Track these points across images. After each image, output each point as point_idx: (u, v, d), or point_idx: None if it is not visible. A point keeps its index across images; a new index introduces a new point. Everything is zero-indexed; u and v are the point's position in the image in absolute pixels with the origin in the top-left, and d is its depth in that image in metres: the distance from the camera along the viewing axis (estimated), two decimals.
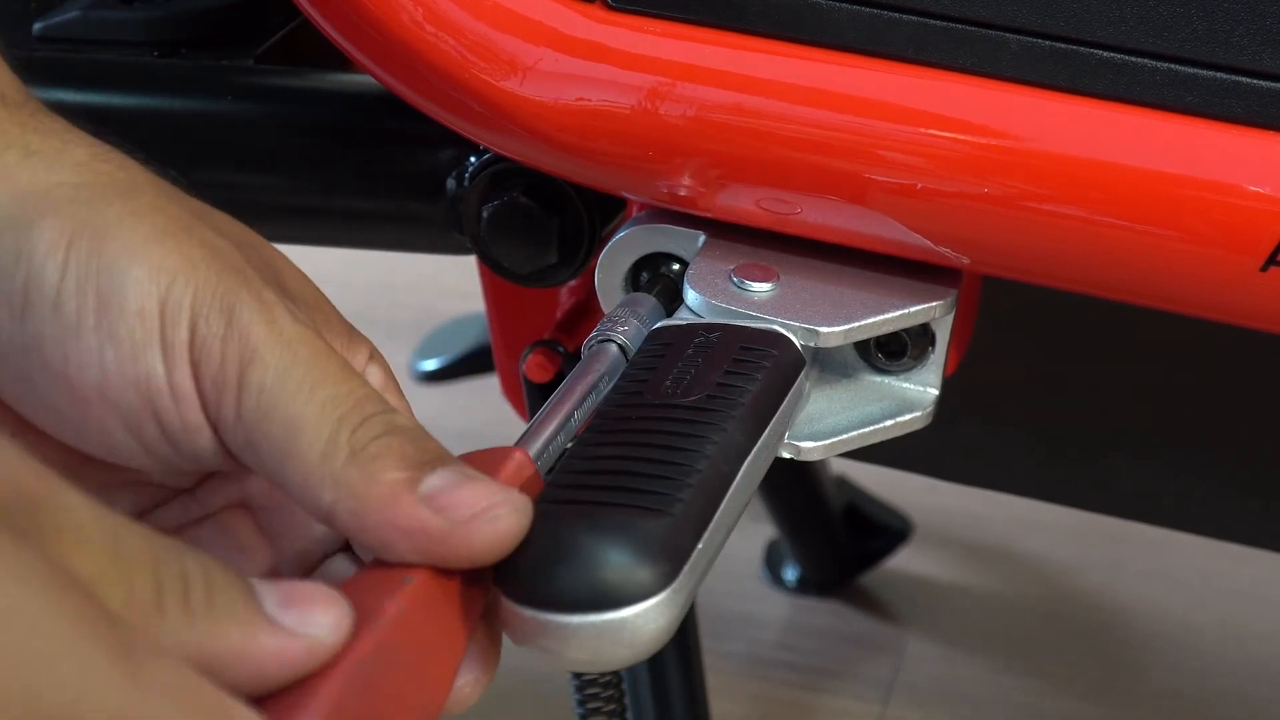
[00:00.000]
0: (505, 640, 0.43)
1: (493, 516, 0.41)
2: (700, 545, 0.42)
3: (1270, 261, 0.50)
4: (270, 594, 0.39)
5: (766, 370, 0.49)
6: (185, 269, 0.42)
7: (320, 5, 0.56)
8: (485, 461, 0.43)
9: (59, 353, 0.42)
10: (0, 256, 0.42)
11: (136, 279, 0.42)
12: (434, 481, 0.42)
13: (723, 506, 0.44)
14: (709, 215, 0.55)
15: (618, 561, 0.40)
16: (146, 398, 0.42)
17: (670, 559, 0.41)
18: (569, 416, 0.47)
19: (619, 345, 0.51)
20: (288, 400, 0.42)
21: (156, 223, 0.43)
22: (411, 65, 0.55)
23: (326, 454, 0.42)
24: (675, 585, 0.41)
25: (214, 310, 0.42)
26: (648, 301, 0.54)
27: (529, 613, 0.41)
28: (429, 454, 0.42)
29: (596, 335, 0.51)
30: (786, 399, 0.49)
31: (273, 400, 0.42)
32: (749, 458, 0.46)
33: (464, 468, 0.42)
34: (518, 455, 0.43)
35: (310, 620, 0.38)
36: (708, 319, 0.52)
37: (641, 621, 0.40)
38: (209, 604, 0.37)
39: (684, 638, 0.81)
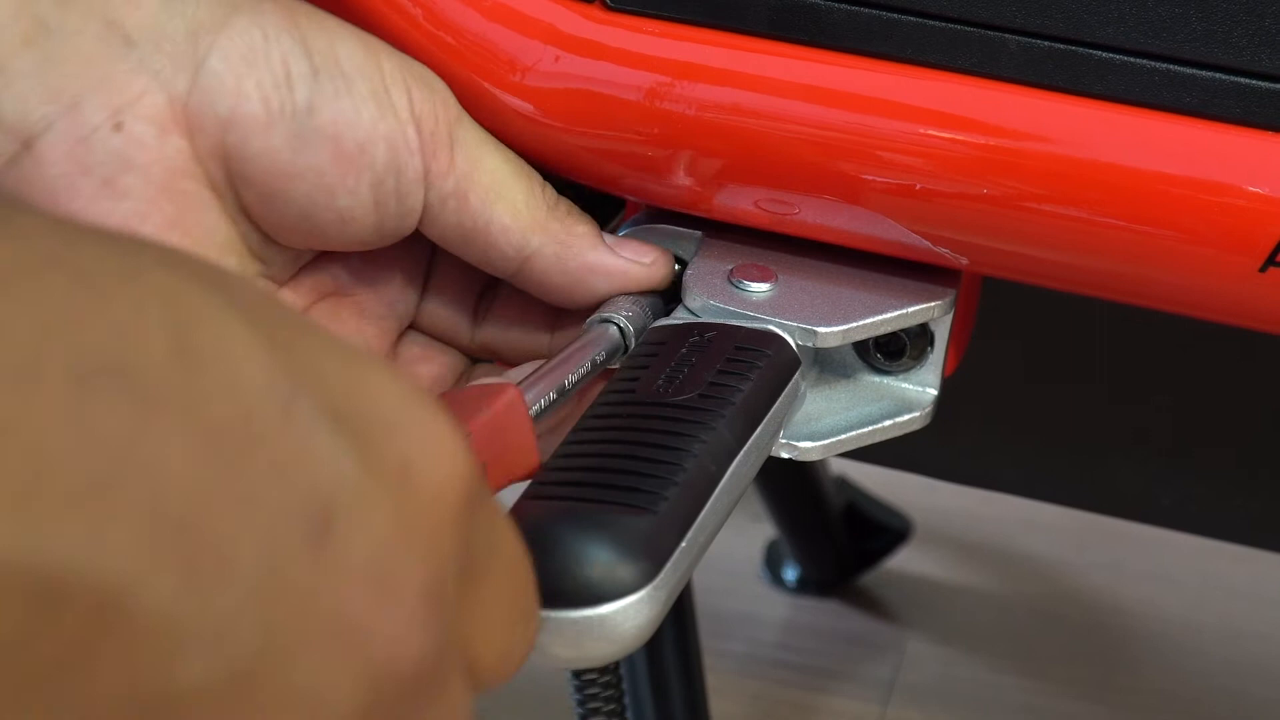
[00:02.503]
0: None
1: (663, 259, 0.53)
2: (684, 543, 0.42)
3: (1269, 262, 0.50)
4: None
5: (760, 370, 0.49)
6: (378, 44, 0.50)
7: (319, 5, 0.56)
8: (478, 395, 0.44)
9: (326, 116, 0.47)
10: (243, 33, 0.47)
11: (354, 56, 0.48)
12: (611, 238, 0.53)
13: (709, 505, 0.44)
14: (707, 215, 0.55)
15: (599, 557, 0.41)
16: (394, 149, 0.48)
17: (652, 556, 0.41)
18: (564, 378, 0.48)
19: (619, 327, 0.51)
20: (490, 154, 0.51)
21: (328, 12, 0.50)
22: None
23: (530, 203, 0.51)
24: (657, 582, 0.41)
25: (417, 79, 0.50)
26: (650, 294, 0.54)
27: None
28: (593, 220, 0.52)
29: (597, 316, 0.52)
30: (780, 399, 0.49)
31: (480, 153, 0.50)
32: (738, 457, 0.46)
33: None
34: (511, 392, 0.44)
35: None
36: (705, 319, 0.52)
37: (622, 618, 0.40)
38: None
39: (684, 638, 0.81)
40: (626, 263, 0.52)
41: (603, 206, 0.60)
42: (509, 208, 0.50)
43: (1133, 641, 1.12)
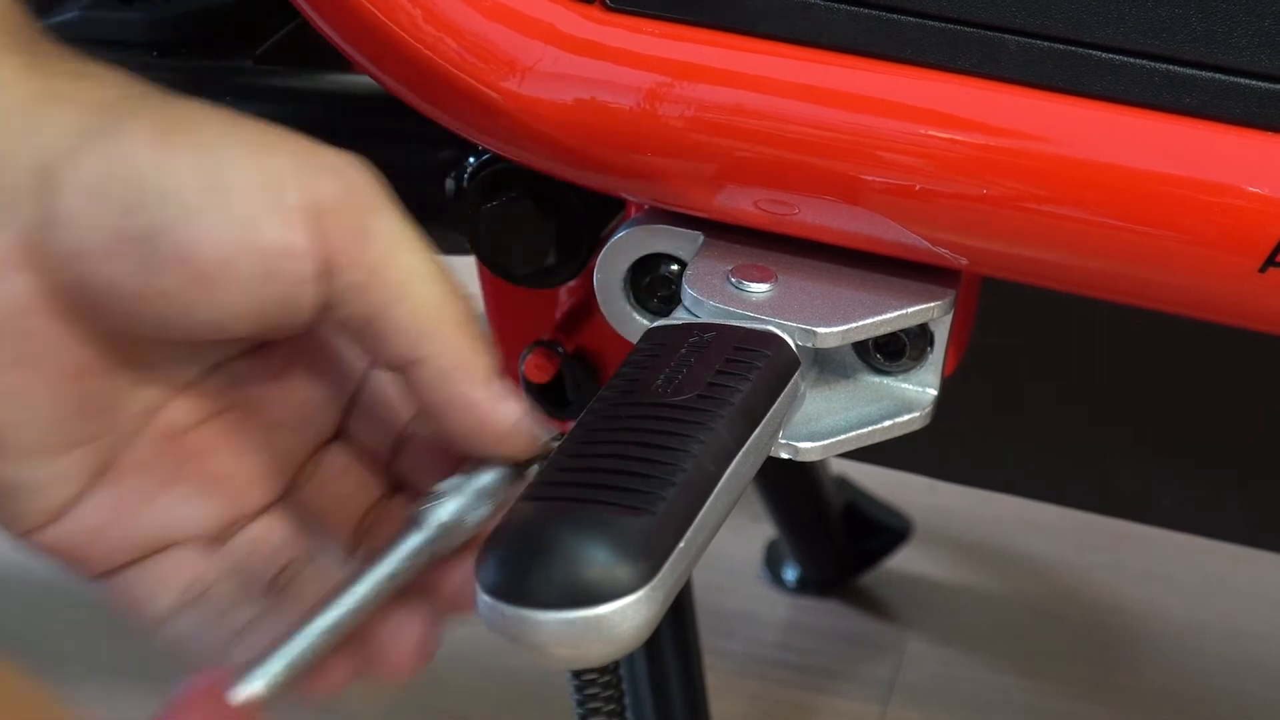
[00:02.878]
0: (509, 645, 0.43)
1: (530, 435, 0.47)
2: (682, 544, 0.42)
3: (1269, 262, 0.50)
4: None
5: (759, 371, 0.49)
6: (275, 142, 0.45)
7: (319, 6, 0.56)
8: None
9: (177, 238, 0.44)
10: (95, 163, 0.44)
11: (237, 162, 0.45)
12: (502, 381, 0.47)
13: (707, 506, 0.44)
14: (707, 216, 0.55)
15: (597, 558, 0.41)
16: (269, 257, 0.44)
17: (650, 556, 0.41)
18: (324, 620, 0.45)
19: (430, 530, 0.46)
20: (408, 251, 0.46)
21: (221, 115, 0.46)
22: (410, 65, 0.55)
23: (443, 308, 0.46)
24: (654, 583, 0.41)
25: (326, 170, 0.45)
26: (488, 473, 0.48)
27: (508, 609, 0.41)
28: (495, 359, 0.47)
29: (413, 511, 0.47)
30: (779, 400, 0.49)
31: (395, 249, 0.45)
32: (737, 458, 0.46)
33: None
34: (200, 690, 0.44)
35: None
36: (705, 319, 0.53)
37: (620, 618, 0.40)
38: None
39: (684, 638, 0.81)
40: (504, 417, 0.46)
41: (602, 207, 0.60)
42: (412, 306, 0.45)
43: (1133, 641, 1.12)
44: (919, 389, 0.56)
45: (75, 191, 0.44)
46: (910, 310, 0.54)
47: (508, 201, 0.59)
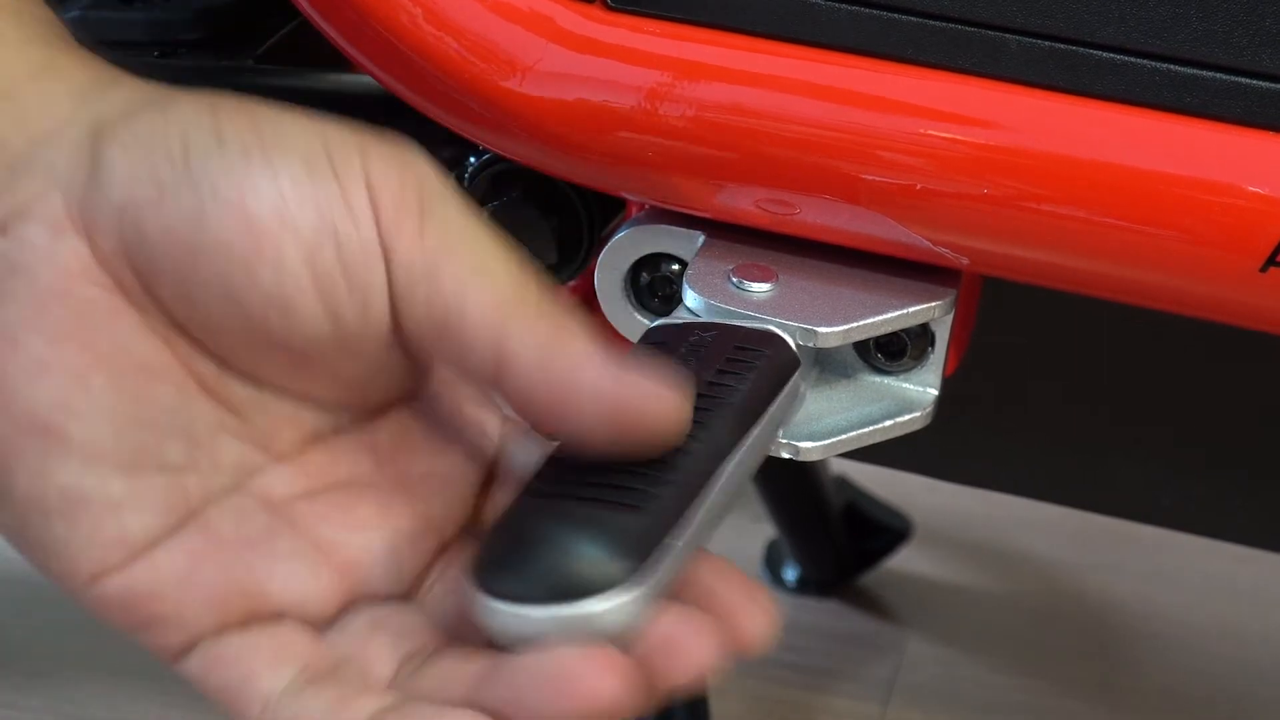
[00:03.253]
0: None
1: (671, 400, 0.41)
2: (677, 542, 0.42)
3: (1270, 262, 0.50)
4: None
5: (759, 370, 0.49)
6: (328, 122, 0.42)
7: (319, 5, 0.56)
8: None
9: (230, 182, 0.41)
10: (147, 121, 0.42)
11: (282, 128, 0.42)
12: (614, 353, 0.41)
13: (703, 504, 0.43)
14: (708, 215, 0.55)
15: (586, 553, 0.40)
16: (327, 214, 0.41)
17: (641, 552, 0.41)
18: None
19: None
20: (473, 231, 0.42)
21: (270, 105, 0.43)
22: (411, 65, 0.55)
23: (520, 289, 0.41)
24: (645, 579, 0.41)
25: (378, 149, 0.42)
26: None
27: (500, 606, 0.41)
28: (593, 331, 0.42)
29: None
30: (779, 399, 0.49)
31: (459, 228, 0.42)
32: (735, 457, 0.46)
33: None
34: None
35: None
36: (705, 318, 0.53)
37: (611, 615, 0.40)
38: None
39: None
40: (629, 389, 0.41)
41: (602, 207, 0.60)
42: (488, 291, 0.41)
43: (1133, 641, 1.12)
44: (920, 389, 0.56)
45: (125, 146, 0.41)
46: (911, 310, 0.54)
47: (508, 201, 0.59)
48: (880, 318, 0.53)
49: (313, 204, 0.41)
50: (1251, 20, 0.49)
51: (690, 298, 0.53)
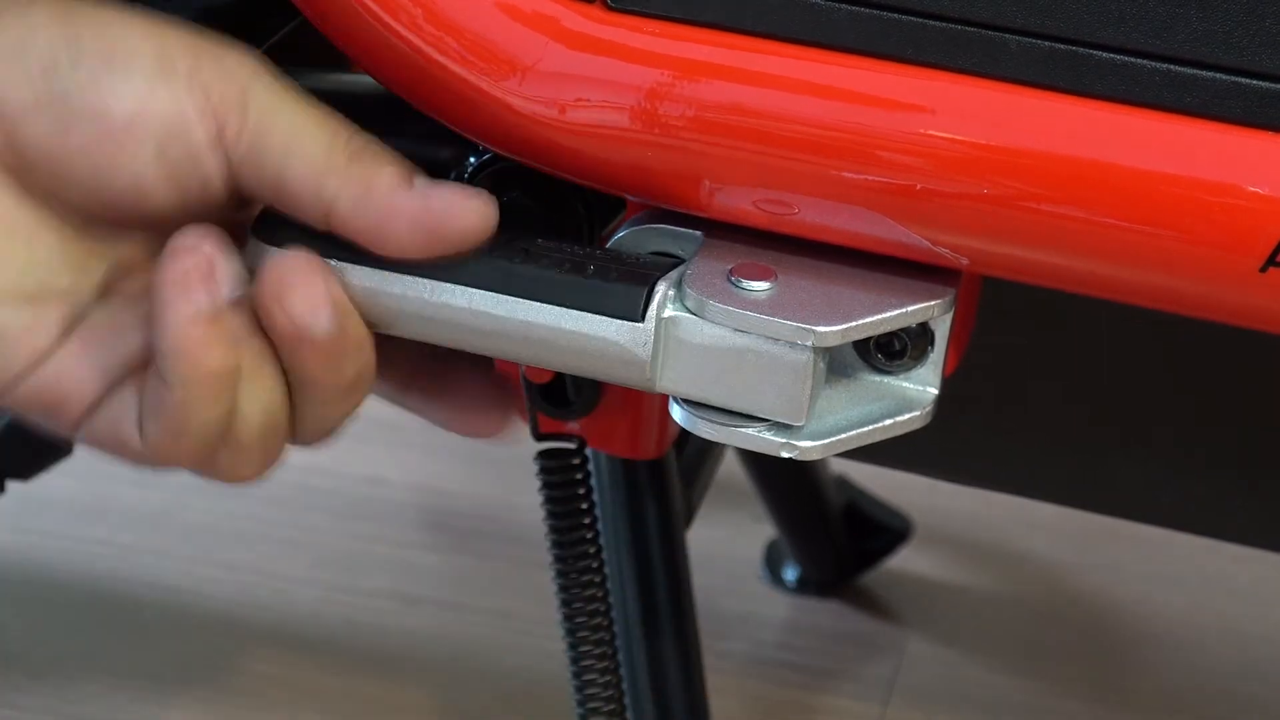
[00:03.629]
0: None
1: (474, 205, 0.52)
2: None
3: (1270, 262, 0.50)
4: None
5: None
6: (167, 25, 0.52)
7: (320, 6, 0.56)
8: None
9: (92, 94, 0.50)
10: (9, 35, 0.51)
11: (130, 39, 0.51)
12: (420, 179, 0.52)
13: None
14: (708, 215, 0.55)
15: None
16: (170, 118, 0.51)
17: None
18: None
19: None
20: (285, 111, 0.52)
21: (116, 3, 0.52)
22: (411, 65, 0.55)
23: (330, 151, 0.52)
24: None
25: (207, 52, 0.52)
26: None
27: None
28: (407, 163, 0.53)
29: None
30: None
31: (274, 112, 0.52)
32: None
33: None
34: None
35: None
36: (706, 318, 0.53)
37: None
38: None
39: (684, 638, 0.81)
40: (425, 201, 0.52)
41: (602, 206, 0.60)
42: (302, 159, 0.51)
43: (1133, 641, 1.12)
44: (920, 388, 0.56)
45: None
46: (910, 309, 0.54)
47: (509, 201, 0.59)
48: (879, 317, 0.53)
49: (159, 109, 0.51)
50: (1251, 20, 0.49)
51: (690, 297, 0.53)
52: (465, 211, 0.52)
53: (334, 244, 0.53)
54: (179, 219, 0.52)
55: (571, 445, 0.74)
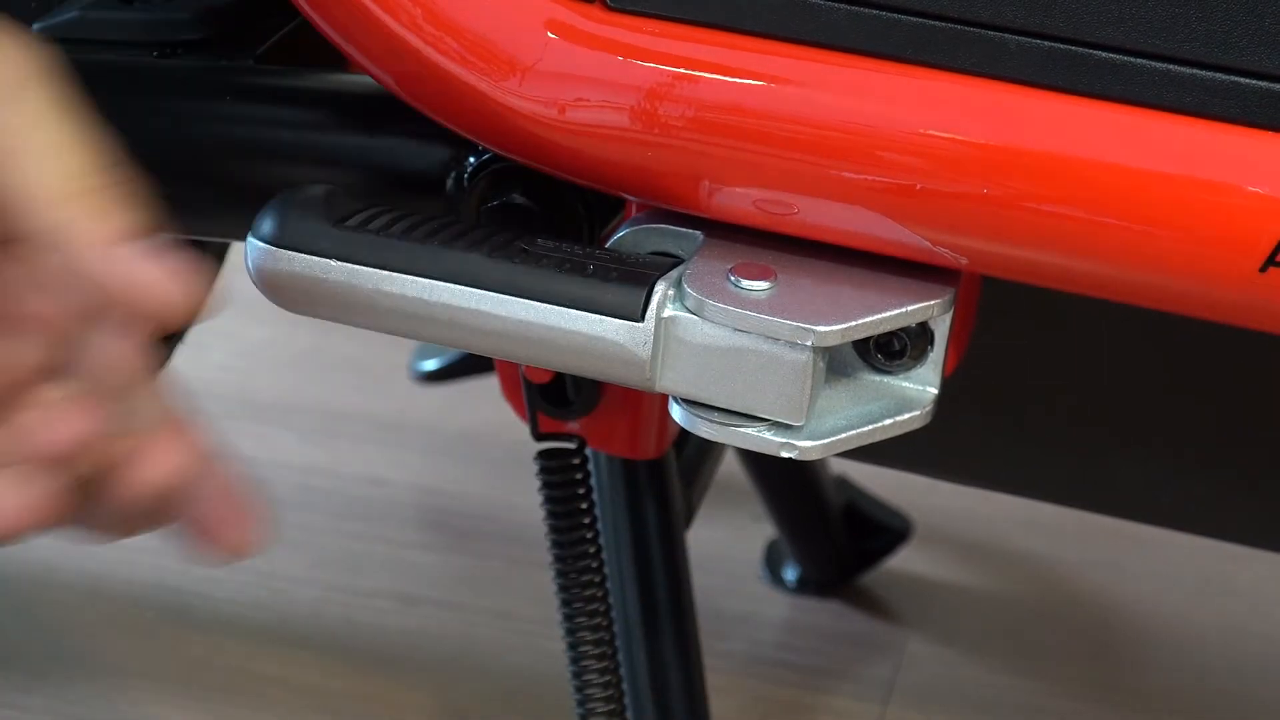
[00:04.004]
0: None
1: (177, 281, 0.45)
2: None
3: (1269, 262, 0.50)
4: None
5: None
6: None
7: (319, 5, 0.56)
8: None
9: None
10: None
11: None
12: (150, 241, 0.46)
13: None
14: (707, 215, 0.55)
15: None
16: None
17: None
18: None
19: None
20: (47, 128, 0.46)
21: None
22: (410, 65, 0.55)
23: (64, 182, 0.45)
24: None
25: None
26: None
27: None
28: (139, 221, 0.46)
29: None
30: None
31: (34, 124, 0.46)
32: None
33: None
34: None
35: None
36: (706, 318, 0.53)
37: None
38: None
39: (684, 637, 0.81)
40: (132, 275, 0.45)
41: (602, 206, 0.60)
42: (30, 180, 0.45)
43: (1133, 641, 1.12)
44: (919, 388, 0.56)
45: None
46: (910, 308, 0.54)
47: (508, 201, 0.59)
48: (879, 316, 0.53)
49: None
50: (1251, 20, 0.49)
51: (690, 297, 0.53)
52: (166, 289, 0.45)
53: (339, 240, 0.53)
54: None
55: (571, 445, 0.74)
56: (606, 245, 0.57)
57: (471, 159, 0.60)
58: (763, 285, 0.53)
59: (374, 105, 0.63)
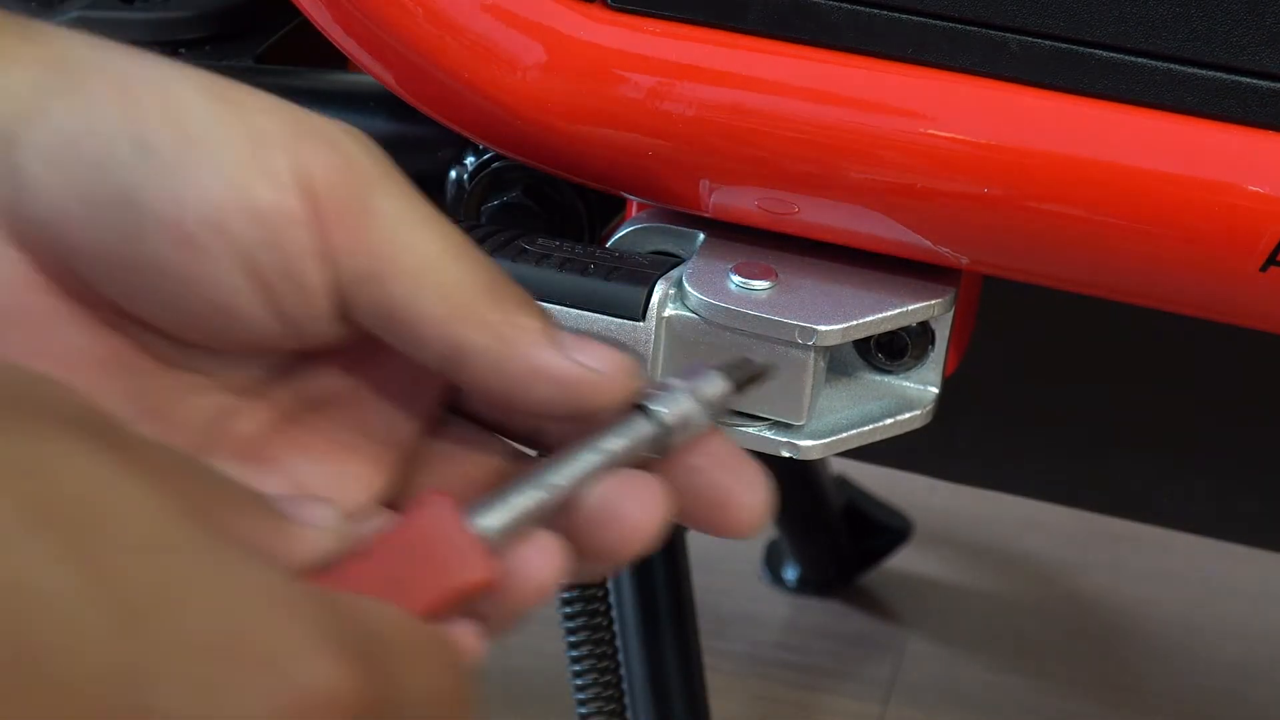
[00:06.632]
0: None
1: (624, 369, 0.41)
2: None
3: (1270, 261, 0.50)
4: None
5: None
6: (256, 101, 0.41)
7: (320, 5, 0.56)
8: (436, 560, 0.39)
9: (159, 197, 0.39)
10: (57, 122, 0.39)
11: (206, 120, 0.40)
12: (565, 336, 0.41)
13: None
14: (708, 215, 0.55)
15: None
16: (263, 221, 0.39)
17: None
18: (548, 479, 0.41)
19: (658, 421, 0.42)
20: (418, 229, 0.40)
21: (192, 70, 0.41)
22: (412, 64, 0.55)
23: (465, 290, 0.40)
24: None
25: (317, 138, 0.40)
26: (713, 384, 0.44)
27: None
28: (545, 312, 0.42)
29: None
30: None
31: (403, 227, 0.40)
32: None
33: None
34: (436, 503, 0.39)
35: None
36: (707, 317, 0.53)
37: None
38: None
39: (684, 638, 0.81)
40: (575, 367, 0.41)
41: (602, 206, 0.60)
42: (437, 294, 0.40)
43: (1133, 641, 1.12)
44: (920, 387, 0.56)
45: (39, 155, 0.39)
46: (911, 308, 0.54)
47: (509, 200, 0.59)
48: (880, 315, 0.53)
49: (246, 211, 0.39)
50: (1252, 19, 0.49)
51: (690, 297, 0.53)
52: (617, 374, 0.41)
53: None
54: (281, 341, 0.42)
55: None
56: (607, 245, 0.57)
57: (471, 158, 0.60)
58: (763, 285, 0.53)
59: (375, 105, 0.63)
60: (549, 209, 0.59)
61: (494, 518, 0.40)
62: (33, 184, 0.39)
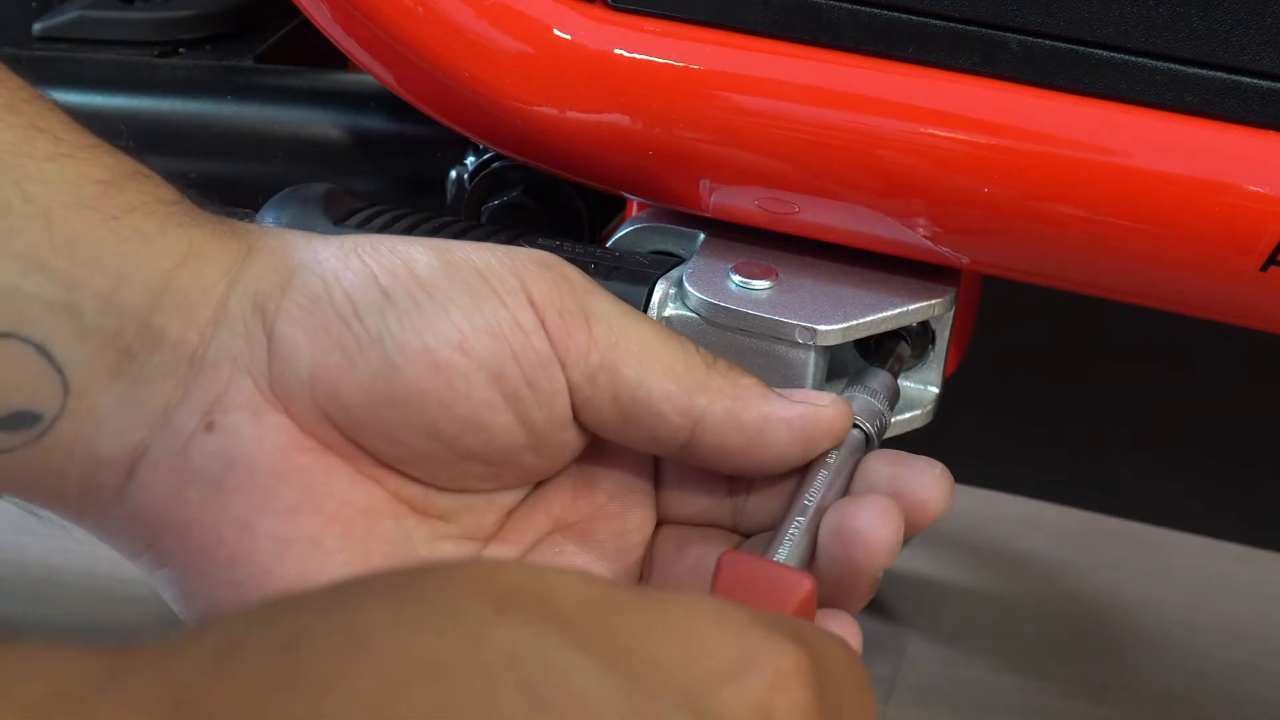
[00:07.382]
0: None
1: (841, 403, 0.47)
2: None
3: (1270, 261, 0.50)
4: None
5: None
6: (464, 246, 0.46)
7: (320, 5, 0.56)
8: (769, 584, 0.44)
9: (409, 333, 0.44)
10: (301, 293, 0.45)
11: (432, 264, 0.46)
12: (780, 390, 0.47)
13: None
14: (708, 214, 0.55)
15: None
16: (503, 337, 0.45)
17: None
18: (815, 510, 0.47)
19: (865, 433, 0.49)
20: (635, 322, 0.46)
21: (410, 236, 0.48)
22: (412, 64, 0.55)
23: (687, 363, 0.46)
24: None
25: (530, 262, 0.46)
26: (883, 380, 0.52)
27: None
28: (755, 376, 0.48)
29: None
30: None
31: (623, 322, 0.46)
32: None
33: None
34: (806, 585, 0.44)
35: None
36: (707, 317, 0.53)
37: None
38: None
39: None
40: (805, 407, 0.47)
41: (602, 206, 0.60)
42: (666, 371, 0.46)
43: (1133, 641, 1.12)
44: (921, 387, 0.56)
45: (295, 319, 0.45)
46: (911, 308, 0.54)
47: (509, 200, 0.59)
48: (880, 315, 0.53)
49: (488, 332, 0.45)
50: (1252, 19, 0.49)
51: (691, 296, 0.53)
52: (837, 405, 0.47)
53: None
54: (525, 458, 0.47)
55: None
56: (607, 244, 0.57)
57: (472, 158, 0.60)
58: (763, 285, 0.53)
59: (375, 105, 0.63)
60: (549, 209, 0.59)
61: (782, 551, 0.46)
62: (290, 349, 0.45)
